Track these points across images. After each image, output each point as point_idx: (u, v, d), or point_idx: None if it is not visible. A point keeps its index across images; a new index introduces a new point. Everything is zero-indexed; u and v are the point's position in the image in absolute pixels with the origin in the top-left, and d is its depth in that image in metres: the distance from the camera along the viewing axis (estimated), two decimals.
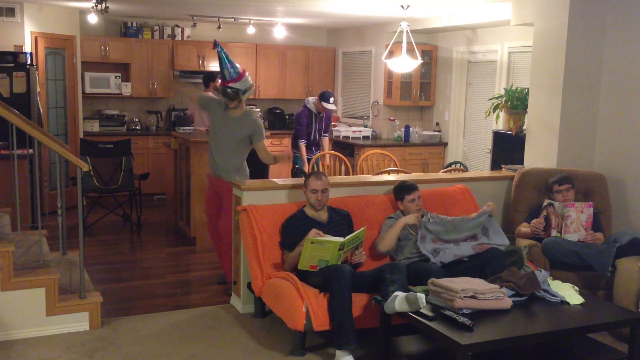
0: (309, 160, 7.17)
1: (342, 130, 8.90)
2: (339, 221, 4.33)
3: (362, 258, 4.22)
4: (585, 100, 5.28)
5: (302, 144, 7.20)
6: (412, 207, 4.48)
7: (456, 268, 4.10)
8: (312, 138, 7.26)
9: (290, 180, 5.09)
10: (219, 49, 4.69)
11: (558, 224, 4.64)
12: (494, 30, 7.57)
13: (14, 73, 6.75)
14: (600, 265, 4.32)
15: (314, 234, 4.03)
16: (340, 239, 3.96)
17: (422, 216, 4.49)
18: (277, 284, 4.05)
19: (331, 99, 7.09)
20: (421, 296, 3.44)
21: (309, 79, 10.01)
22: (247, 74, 4.72)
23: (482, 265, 4.10)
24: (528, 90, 5.67)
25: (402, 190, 4.56)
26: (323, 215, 4.30)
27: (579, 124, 5.29)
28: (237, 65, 4.72)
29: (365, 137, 8.80)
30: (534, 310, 3.68)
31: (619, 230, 4.78)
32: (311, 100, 7.18)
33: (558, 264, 4.50)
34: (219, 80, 4.73)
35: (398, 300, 3.51)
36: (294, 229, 4.18)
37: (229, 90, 4.63)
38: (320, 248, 3.94)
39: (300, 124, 7.18)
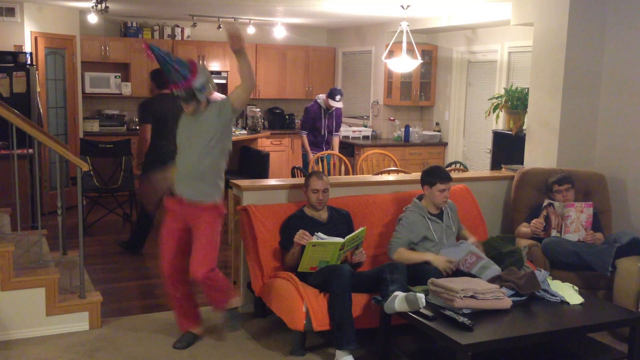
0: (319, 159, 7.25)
1: (342, 130, 8.89)
2: (339, 220, 4.33)
3: (362, 258, 4.22)
4: (585, 100, 5.28)
5: (304, 135, 7.46)
6: (439, 197, 4.23)
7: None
8: (321, 134, 7.41)
9: (290, 180, 5.09)
10: (157, 51, 3.76)
11: (558, 224, 4.64)
12: (494, 30, 7.57)
13: (14, 73, 6.75)
14: (600, 265, 4.32)
15: (300, 235, 4.00)
16: (341, 240, 3.96)
17: (442, 211, 4.35)
18: (277, 284, 4.05)
19: (337, 97, 7.27)
20: (421, 296, 3.44)
21: (309, 79, 10.01)
22: (197, 66, 3.76)
23: None
24: (528, 90, 5.67)
25: (436, 176, 4.23)
26: (323, 215, 4.30)
27: (579, 124, 5.29)
28: (184, 60, 3.76)
29: (365, 137, 8.81)
30: (533, 310, 3.68)
31: (619, 230, 4.78)
32: (322, 96, 7.42)
33: (558, 263, 4.50)
34: (171, 86, 3.76)
35: (398, 300, 3.51)
36: (294, 229, 4.18)
37: (182, 92, 3.71)
38: (321, 250, 3.93)
39: (307, 116, 7.46)
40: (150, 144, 5.79)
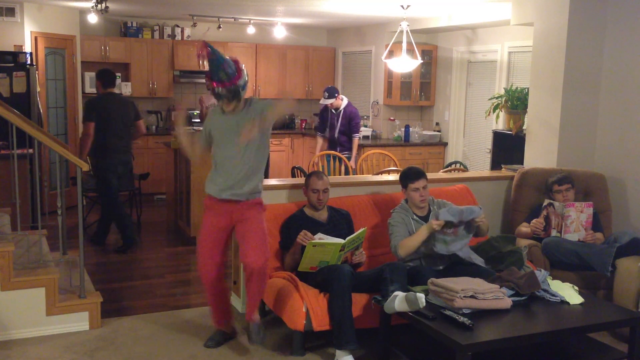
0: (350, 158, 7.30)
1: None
2: (339, 221, 4.33)
3: (362, 258, 4.22)
4: (585, 100, 5.28)
5: (318, 137, 7.63)
6: (415, 198, 4.21)
7: (454, 269, 4.07)
8: (334, 135, 7.38)
9: (290, 180, 5.09)
10: (216, 51, 3.78)
11: (558, 223, 4.64)
12: (494, 30, 7.57)
13: (14, 73, 6.75)
14: (600, 265, 4.32)
15: (302, 236, 4.01)
16: (341, 241, 3.96)
17: (430, 211, 4.34)
18: (277, 284, 4.05)
19: (325, 94, 7.31)
20: (421, 296, 3.44)
21: (309, 79, 10.02)
22: (240, 64, 3.84)
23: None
24: (528, 90, 5.67)
25: (405, 177, 4.25)
26: (323, 215, 4.30)
27: (579, 124, 5.29)
28: (230, 60, 3.80)
29: (365, 137, 8.80)
30: (533, 310, 3.68)
31: (619, 230, 4.78)
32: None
33: (558, 263, 4.50)
34: (214, 84, 3.76)
35: (398, 300, 3.51)
36: (294, 229, 4.18)
37: (226, 90, 3.74)
38: (322, 250, 3.94)
39: (319, 117, 7.67)
40: (95, 140, 6.00)
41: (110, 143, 6.02)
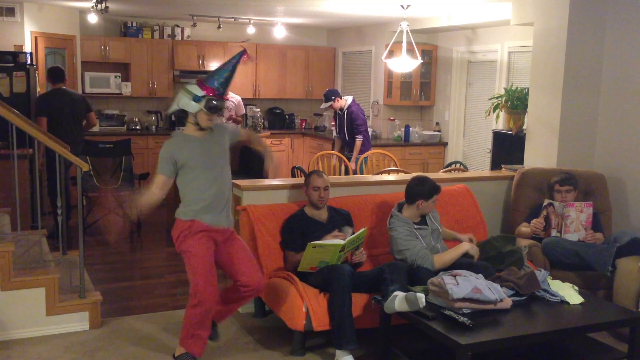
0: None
1: None
2: (339, 221, 4.33)
3: (363, 258, 4.22)
4: (585, 100, 5.28)
5: (335, 138, 7.71)
6: (431, 208, 4.24)
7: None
8: (344, 136, 7.39)
9: (290, 180, 5.09)
10: (240, 61, 3.61)
11: (558, 223, 4.64)
12: (494, 30, 7.57)
13: (14, 73, 6.75)
14: (600, 265, 4.32)
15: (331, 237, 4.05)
16: (342, 242, 3.96)
17: (426, 217, 4.40)
18: (277, 284, 4.05)
19: (323, 99, 7.37)
20: (421, 296, 3.44)
21: (309, 78, 10.02)
22: None
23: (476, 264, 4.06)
24: (528, 90, 5.67)
25: (433, 190, 4.18)
26: (323, 215, 4.30)
27: (579, 124, 5.29)
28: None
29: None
30: (533, 310, 3.68)
31: (619, 230, 4.78)
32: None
33: (558, 263, 4.50)
34: (213, 92, 3.52)
35: (398, 300, 3.51)
36: (295, 229, 4.18)
37: (222, 103, 3.55)
38: (322, 251, 3.93)
39: (334, 118, 7.74)
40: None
41: (62, 136, 5.97)
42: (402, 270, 3.83)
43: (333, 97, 7.25)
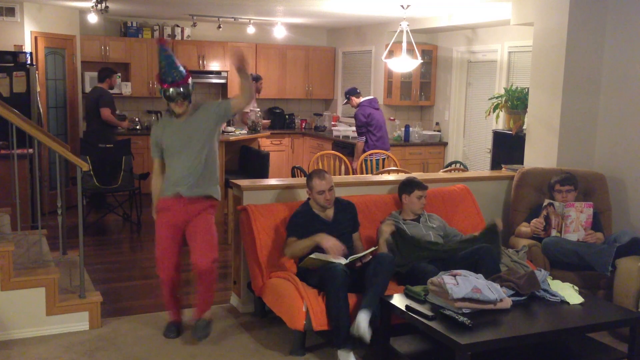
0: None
1: (342, 130, 8.91)
2: (344, 216, 4.27)
3: (367, 259, 4.14)
4: (585, 100, 5.28)
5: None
6: (416, 205, 4.45)
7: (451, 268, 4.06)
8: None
9: (290, 180, 5.09)
10: (166, 48, 3.91)
11: (558, 223, 4.64)
12: (494, 30, 7.57)
13: (14, 73, 6.75)
14: (600, 265, 4.32)
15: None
16: (344, 260, 3.91)
17: (420, 216, 4.47)
18: (277, 284, 4.05)
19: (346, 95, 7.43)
20: (365, 332, 3.58)
21: (309, 78, 10.02)
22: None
23: (475, 264, 4.05)
24: (528, 90, 5.67)
25: (413, 184, 4.48)
26: (329, 213, 4.24)
27: (579, 124, 5.29)
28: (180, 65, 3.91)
29: None
30: (533, 310, 3.68)
31: (619, 230, 4.78)
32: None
33: (558, 263, 4.50)
34: (165, 85, 3.85)
35: (362, 327, 3.60)
36: (300, 225, 4.11)
37: (181, 89, 3.83)
38: (321, 262, 3.90)
39: None
40: None
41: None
42: (387, 265, 3.86)
43: (348, 96, 7.39)
